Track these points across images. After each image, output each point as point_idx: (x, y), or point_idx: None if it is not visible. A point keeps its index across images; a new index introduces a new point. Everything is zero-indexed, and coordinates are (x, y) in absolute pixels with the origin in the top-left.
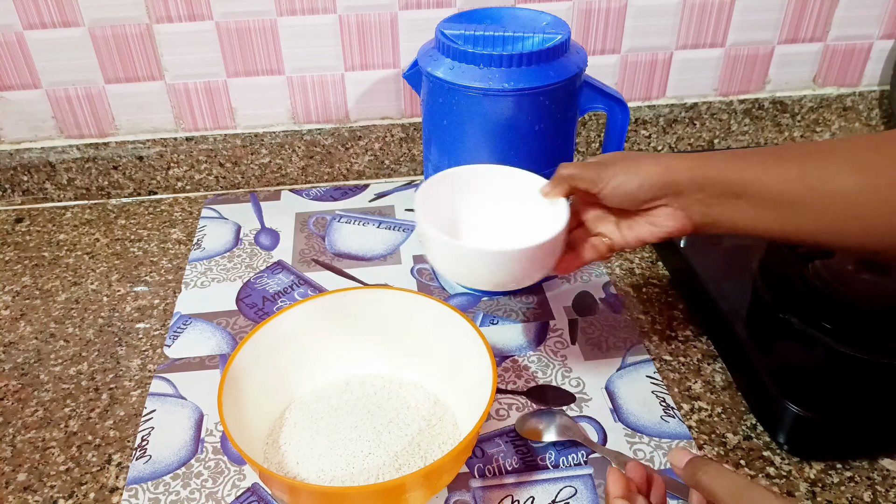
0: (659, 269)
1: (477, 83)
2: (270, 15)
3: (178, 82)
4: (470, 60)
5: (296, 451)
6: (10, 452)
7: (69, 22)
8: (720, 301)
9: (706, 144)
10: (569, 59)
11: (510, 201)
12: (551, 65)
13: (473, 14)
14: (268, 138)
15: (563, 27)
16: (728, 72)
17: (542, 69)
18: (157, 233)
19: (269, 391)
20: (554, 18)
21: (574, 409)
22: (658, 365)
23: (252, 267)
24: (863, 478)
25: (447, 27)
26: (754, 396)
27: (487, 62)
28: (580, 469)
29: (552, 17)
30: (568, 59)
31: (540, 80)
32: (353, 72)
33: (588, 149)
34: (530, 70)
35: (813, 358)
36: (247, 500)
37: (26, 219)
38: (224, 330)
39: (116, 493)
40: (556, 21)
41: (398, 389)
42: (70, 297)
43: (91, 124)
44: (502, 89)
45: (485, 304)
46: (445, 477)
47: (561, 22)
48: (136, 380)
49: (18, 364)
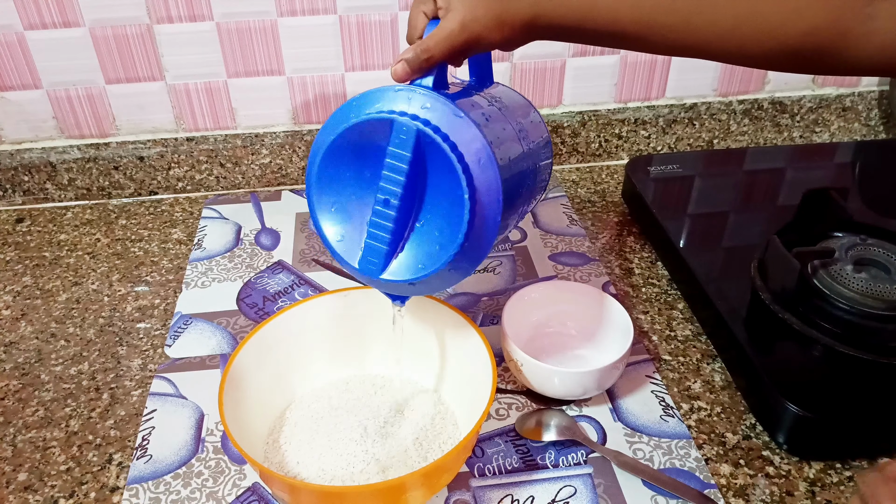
0: (658, 269)
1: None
2: (271, 15)
3: (178, 83)
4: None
5: (296, 450)
6: (11, 452)
7: (70, 22)
8: (719, 301)
9: (705, 145)
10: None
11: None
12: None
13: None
14: (268, 138)
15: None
16: (727, 72)
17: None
18: (158, 233)
19: (269, 391)
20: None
21: (574, 408)
22: (657, 364)
23: (252, 267)
24: None
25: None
26: (754, 396)
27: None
28: (580, 468)
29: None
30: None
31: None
32: (353, 72)
33: (588, 149)
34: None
35: (812, 358)
36: (247, 500)
37: (27, 219)
38: (224, 330)
39: (117, 493)
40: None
41: (398, 389)
42: (71, 296)
43: (92, 124)
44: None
45: (485, 304)
46: (445, 476)
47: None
48: (136, 379)
49: (19, 364)
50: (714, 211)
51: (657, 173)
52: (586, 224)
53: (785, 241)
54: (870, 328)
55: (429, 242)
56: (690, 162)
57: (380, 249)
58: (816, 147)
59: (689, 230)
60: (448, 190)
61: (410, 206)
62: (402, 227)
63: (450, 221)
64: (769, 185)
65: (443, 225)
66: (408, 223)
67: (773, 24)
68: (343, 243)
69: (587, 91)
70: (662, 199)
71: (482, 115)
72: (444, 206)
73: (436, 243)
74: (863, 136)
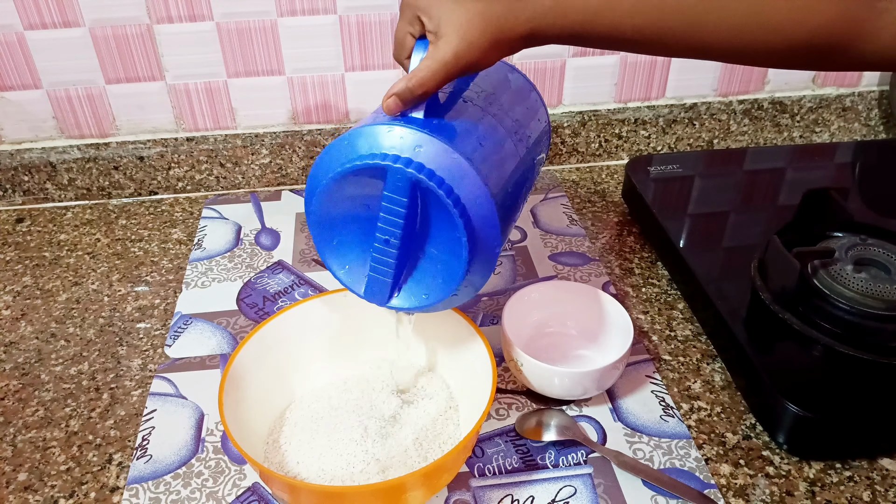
0: (658, 269)
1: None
2: (271, 15)
3: (178, 83)
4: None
5: (296, 450)
6: (11, 452)
7: (70, 22)
8: (719, 301)
9: (705, 145)
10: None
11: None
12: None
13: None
14: (268, 139)
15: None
16: (727, 72)
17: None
18: (158, 233)
19: (269, 391)
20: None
21: (573, 408)
22: (657, 364)
23: (252, 267)
24: (862, 478)
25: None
26: (754, 396)
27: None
28: (580, 468)
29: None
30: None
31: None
32: (353, 72)
33: (588, 149)
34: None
35: (812, 358)
36: (247, 500)
37: (27, 219)
38: (224, 330)
39: (117, 493)
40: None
41: (398, 389)
42: (71, 296)
43: (92, 124)
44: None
45: (485, 304)
46: (446, 476)
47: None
48: (136, 379)
49: (19, 364)
50: (714, 211)
51: (657, 173)
52: (586, 224)
53: (785, 241)
54: (870, 328)
55: (432, 275)
56: (690, 162)
57: (383, 282)
58: (816, 147)
59: (689, 230)
60: (447, 227)
61: (411, 239)
62: (403, 260)
63: (451, 256)
64: (769, 185)
65: (444, 259)
66: (409, 254)
67: (783, 22)
68: (347, 273)
69: (587, 91)
70: (662, 199)
71: (477, 141)
72: (444, 241)
73: (438, 276)
74: (863, 136)
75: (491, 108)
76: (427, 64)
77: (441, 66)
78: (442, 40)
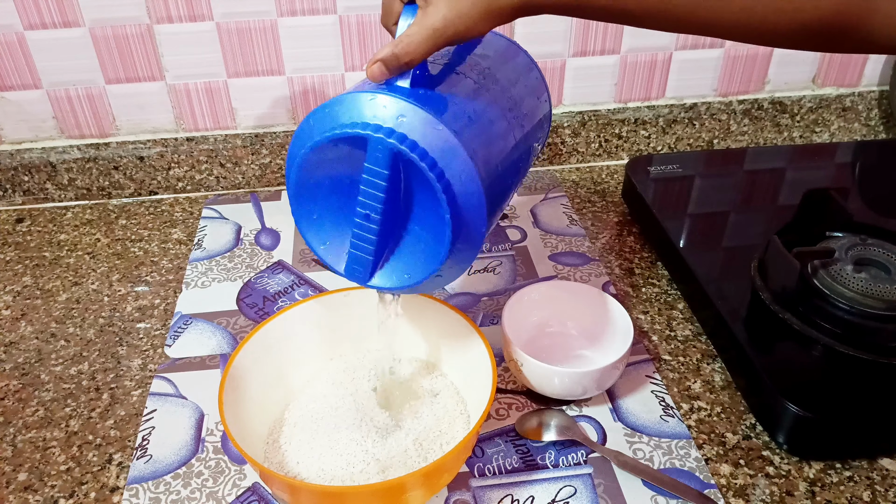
0: (658, 269)
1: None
2: (271, 15)
3: (178, 82)
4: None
5: (296, 450)
6: (11, 452)
7: (70, 22)
8: (719, 301)
9: (705, 145)
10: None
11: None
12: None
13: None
14: (268, 138)
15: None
16: (727, 72)
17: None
18: (158, 233)
19: (269, 391)
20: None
21: (573, 408)
22: (657, 364)
23: (252, 267)
24: (862, 477)
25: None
26: (754, 396)
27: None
28: (580, 469)
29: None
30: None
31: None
32: (353, 72)
33: (588, 149)
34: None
35: (812, 358)
36: (247, 500)
37: (27, 219)
38: (224, 330)
39: (117, 493)
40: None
41: (398, 389)
42: (71, 296)
43: (92, 124)
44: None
45: (485, 304)
46: (446, 476)
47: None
48: (136, 379)
49: (19, 364)
50: (714, 211)
51: (657, 173)
52: (586, 224)
53: (785, 241)
54: (870, 328)
55: (414, 253)
56: (690, 162)
57: (364, 259)
58: (816, 147)
59: (689, 230)
60: (430, 204)
61: (393, 214)
62: (385, 236)
63: (434, 234)
64: (769, 185)
65: (427, 238)
66: (391, 231)
67: (797, 2)
68: (328, 249)
69: (587, 91)
70: (662, 199)
71: (466, 115)
72: (427, 218)
73: (421, 255)
74: (863, 136)
75: (485, 81)
76: (415, 30)
77: (429, 33)
78: (431, 6)
